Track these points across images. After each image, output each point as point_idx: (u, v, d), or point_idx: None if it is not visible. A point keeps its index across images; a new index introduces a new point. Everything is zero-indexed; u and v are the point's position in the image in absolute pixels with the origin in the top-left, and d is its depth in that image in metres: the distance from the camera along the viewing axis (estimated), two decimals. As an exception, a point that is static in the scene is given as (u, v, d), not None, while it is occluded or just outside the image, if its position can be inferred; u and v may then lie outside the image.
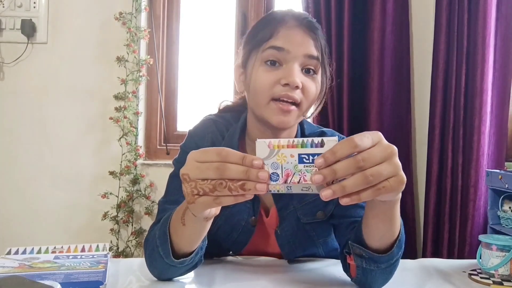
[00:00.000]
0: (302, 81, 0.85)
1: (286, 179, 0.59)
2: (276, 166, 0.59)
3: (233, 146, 0.94)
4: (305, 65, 0.86)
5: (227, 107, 1.07)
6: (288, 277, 0.87)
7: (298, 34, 0.86)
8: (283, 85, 0.84)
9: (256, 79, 0.86)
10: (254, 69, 0.88)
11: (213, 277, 0.84)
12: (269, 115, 0.86)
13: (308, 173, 0.59)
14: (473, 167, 1.94)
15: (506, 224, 1.79)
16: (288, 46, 0.85)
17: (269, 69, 0.86)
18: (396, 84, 2.05)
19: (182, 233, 0.75)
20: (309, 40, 0.87)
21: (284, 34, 0.86)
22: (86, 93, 2.14)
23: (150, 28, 2.17)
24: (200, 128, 1.00)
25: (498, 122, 2.00)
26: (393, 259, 0.74)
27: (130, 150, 2.11)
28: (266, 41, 0.86)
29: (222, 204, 0.61)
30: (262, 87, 0.85)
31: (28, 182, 2.15)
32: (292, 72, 0.83)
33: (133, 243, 2.10)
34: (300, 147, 0.59)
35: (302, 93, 0.85)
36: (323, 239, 0.97)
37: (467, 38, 1.97)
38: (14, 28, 2.10)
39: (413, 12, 2.11)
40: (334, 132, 1.03)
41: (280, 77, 0.84)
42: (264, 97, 0.85)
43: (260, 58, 0.87)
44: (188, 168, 0.62)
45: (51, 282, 0.67)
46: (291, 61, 0.85)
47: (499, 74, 1.99)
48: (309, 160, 0.58)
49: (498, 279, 0.87)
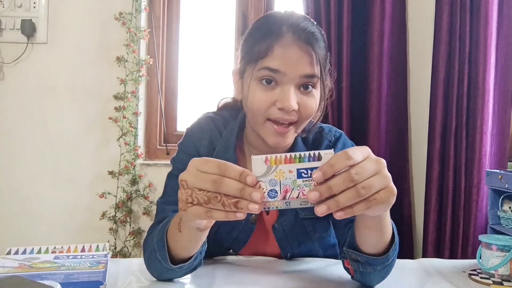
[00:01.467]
0: (299, 101, 0.83)
1: (285, 195, 0.59)
2: (274, 183, 0.59)
3: (231, 145, 0.94)
4: (303, 83, 0.84)
5: (226, 104, 1.06)
6: (288, 277, 0.86)
7: (295, 53, 0.81)
8: (278, 108, 0.82)
9: (252, 98, 0.84)
10: (251, 87, 0.85)
11: (213, 277, 0.84)
12: (265, 135, 0.86)
13: (306, 187, 0.59)
14: (475, 167, 1.94)
15: (506, 224, 1.79)
16: (283, 68, 0.81)
17: (264, 88, 0.83)
18: (395, 85, 2.05)
19: (179, 239, 0.75)
20: (306, 59, 0.82)
21: (279, 54, 0.81)
22: (86, 93, 2.14)
23: (150, 28, 2.17)
24: (198, 126, 1.00)
25: (500, 123, 2.00)
26: (388, 261, 0.75)
27: (129, 150, 2.11)
28: (261, 59, 0.82)
29: (213, 218, 0.60)
30: (257, 108, 0.84)
31: (28, 182, 2.15)
32: (288, 96, 0.81)
33: (131, 243, 2.10)
34: (297, 161, 0.59)
35: (299, 112, 0.84)
36: (320, 234, 0.97)
37: (469, 38, 1.97)
38: (14, 28, 2.10)
39: (412, 13, 2.11)
40: (332, 128, 1.03)
41: (276, 99, 0.82)
42: (260, 117, 0.85)
43: (255, 77, 0.84)
44: (188, 175, 0.62)
45: (51, 282, 0.66)
46: (287, 83, 0.82)
47: (500, 74, 2.00)
48: (308, 175, 0.59)
49: (498, 279, 0.87)
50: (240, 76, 0.91)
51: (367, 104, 2.02)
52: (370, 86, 2.01)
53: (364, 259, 0.75)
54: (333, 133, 1.01)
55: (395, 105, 2.06)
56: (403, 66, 2.06)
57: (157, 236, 0.79)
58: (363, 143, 1.99)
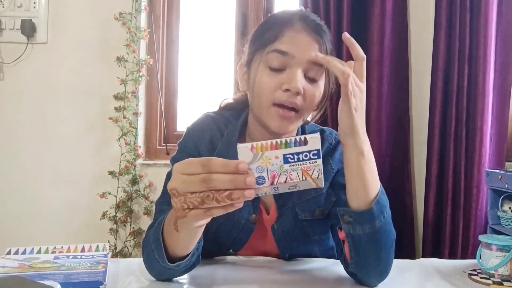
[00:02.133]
0: (304, 87, 0.84)
1: (273, 180, 0.59)
2: (261, 170, 0.59)
3: (232, 144, 0.94)
4: (309, 71, 0.85)
5: (228, 105, 1.06)
6: (287, 277, 0.87)
7: (304, 39, 0.84)
8: (284, 90, 0.83)
9: (259, 82, 0.86)
10: (258, 71, 0.87)
11: (213, 277, 0.84)
12: (269, 120, 0.86)
13: (294, 172, 0.59)
14: (475, 168, 1.94)
15: (506, 224, 1.79)
16: (293, 50, 0.83)
17: (272, 73, 0.85)
18: (395, 84, 2.05)
19: (176, 238, 0.74)
20: (315, 45, 0.84)
21: (289, 38, 0.84)
22: (86, 93, 2.14)
23: (150, 28, 2.17)
24: (198, 125, 1.00)
25: (498, 122, 2.00)
26: (374, 220, 0.75)
27: (129, 150, 2.11)
28: (271, 44, 0.85)
29: (214, 215, 0.61)
30: (264, 91, 0.85)
31: (28, 182, 2.15)
32: (295, 77, 0.82)
33: (131, 243, 2.10)
34: (284, 147, 0.59)
35: (303, 99, 0.85)
36: (319, 236, 0.97)
37: (469, 38, 1.97)
38: (14, 28, 2.10)
39: (412, 12, 2.11)
40: (333, 131, 1.03)
41: (283, 82, 0.83)
42: (265, 101, 0.85)
43: (264, 61, 0.86)
44: (175, 182, 0.61)
45: (51, 282, 0.66)
46: (295, 66, 0.83)
47: (499, 74, 2.00)
48: (294, 159, 0.59)
49: (498, 279, 0.87)
50: (247, 66, 0.92)
51: (367, 104, 1.99)
52: (371, 86, 2.01)
53: (352, 217, 0.75)
54: (334, 135, 1.01)
55: (396, 105, 2.05)
56: (404, 66, 2.06)
57: (153, 236, 0.79)
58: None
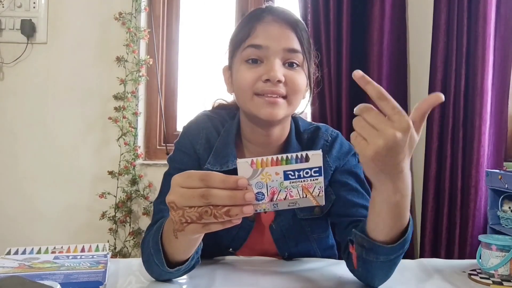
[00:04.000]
0: (285, 74, 0.84)
1: (272, 197, 0.58)
2: (261, 185, 0.58)
3: (229, 143, 0.94)
4: (287, 59, 0.85)
5: (220, 105, 1.07)
6: (287, 277, 0.86)
7: (276, 29, 0.85)
8: (264, 81, 0.83)
9: (238, 78, 0.87)
10: (236, 69, 0.88)
11: (213, 277, 0.84)
12: (256, 109, 0.85)
13: (294, 189, 0.58)
14: (474, 168, 1.94)
15: (506, 224, 1.79)
16: (266, 42, 0.84)
17: (250, 66, 0.85)
18: (395, 84, 2.06)
19: (175, 245, 0.74)
20: (288, 34, 0.85)
21: (261, 31, 0.85)
22: (86, 93, 2.14)
23: (150, 28, 2.17)
24: (195, 124, 0.99)
25: (497, 122, 2.00)
26: (393, 254, 0.73)
27: (128, 150, 2.11)
28: (245, 40, 0.86)
29: (211, 230, 0.60)
30: (244, 84, 0.85)
31: (28, 182, 2.15)
32: (273, 66, 0.83)
33: (130, 243, 2.10)
34: (284, 163, 0.58)
35: (287, 86, 0.85)
36: (318, 235, 0.97)
37: (467, 38, 1.97)
38: (14, 28, 2.10)
39: (411, 12, 2.11)
40: (328, 128, 1.01)
41: (261, 73, 0.84)
42: (247, 94, 0.85)
43: (241, 58, 0.87)
44: (174, 195, 0.60)
45: (51, 282, 0.66)
46: (272, 57, 0.84)
47: (498, 74, 2.00)
48: (295, 176, 0.58)
49: (498, 279, 0.87)
50: (229, 68, 0.93)
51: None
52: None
53: (369, 246, 0.73)
54: (329, 132, 1.00)
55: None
56: (403, 66, 2.06)
57: (152, 240, 0.78)
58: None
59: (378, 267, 0.76)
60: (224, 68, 0.96)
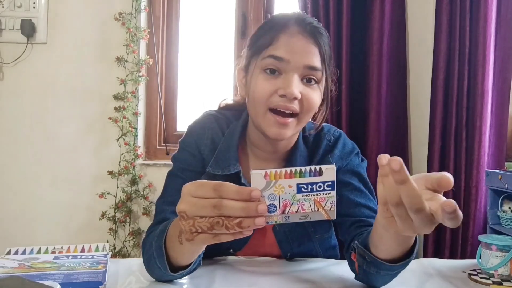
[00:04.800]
0: (301, 92, 0.82)
1: (284, 209, 0.58)
2: (273, 198, 0.58)
3: (233, 143, 0.93)
4: (306, 75, 0.83)
5: (227, 105, 1.05)
6: (288, 277, 0.86)
7: (300, 43, 0.83)
8: (280, 95, 0.82)
9: (255, 87, 0.85)
10: (254, 76, 0.86)
11: (213, 278, 0.84)
12: (266, 127, 0.84)
13: (306, 202, 0.58)
14: (475, 168, 1.94)
15: (505, 224, 1.79)
16: (288, 56, 0.82)
17: (268, 77, 0.83)
18: (395, 84, 2.05)
19: (179, 250, 0.73)
20: (311, 49, 0.83)
21: (284, 43, 0.83)
22: (86, 93, 2.14)
23: (150, 28, 2.17)
24: (200, 123, 0.98)
25: (498, 123, 2.00)
26: (394, 270, 0.73)
27: (128, 150, 2.11)
28: (266, 49, 0.84)
29: (221, 240, 0.59)
30: (259, 96, 0.83)
31: (28, 182, 2.15)
32: (291, 83, 0.81)
33: (130, 244, 2.10)
34: (298, 176, 0.58)
35: (301, 104, 0.83)
36: (321, 235, 0.97)
37: (469, 39, 1.97)
38: (14, 29, 2.10)
39: (411, 13, 2.11)
40: (331, 127, 1.01)
41: (278, 87, 0.82)
42: (261, 107, 0.84)
43: (260, 66, 0.85)
44: (185, 204, 0.59)
45: (51, 283, 0.66)
46: (291, 72, 0.82)
47: (499, 74, 2.00)
48: (308, 190, 0.58)
49: (497, 279, 0.87)
50: (245, 71, 0.91)
51: (367, 104, 2.02)
52: (370, 86, 2.01)
53: (370, 259, 0.73)
54: (332, 132, 0.99)
55: (395, 105, 2.06)
56: (403, 66, 2.07)
57: (155, 243, 0.77)
58: (363, 144, 2.00)
59: (379, 278, 0.76)
60: (238, 68, 0.94)
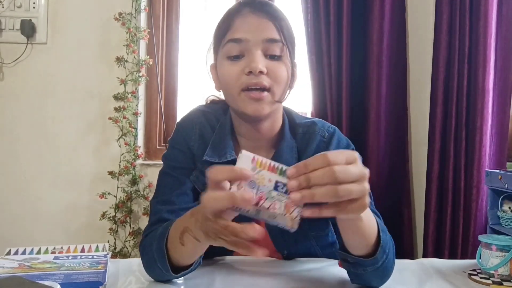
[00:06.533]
0: (267, 66, 0.83)
1: (258, 201, 0.57)
2: (253, 186, 0.57)
3: (225, 138, 0.93)
4: (268, 50, 0.85)
5: (214, 100, 1.06)
6: (287, 277, 0.86)
7: (254, 21, 0.85)
8: (247, 73, 0.83)
9: (223, 74, 0.87)
10: (220, 66, 0.88)
11: (213, 278, 0.84)
12: (243, 106, 0.85)
13: (278, 202, 0.58)
14: (475, 168, 1.94)
15: (505, 224, 1.79)
16: (245, 35, 0.84)
17: (232, 62, 0.85)
18: (395, 85, 2.05)
19: (181, 251, 0.74)
20: (267, 24, 0.85)
21: (239, 24, 0.85)
22: (86, 93, 2.14)
23: (150, 29, 2.17)
24: (188, 120, 0.98)
25: (499, 122, 2.00)
26: (377, 263, 0.73)
27: (129, 151, 2.11)
28: (224, 35, 0.86)
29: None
30: (229, 80, 0.85)
31: (28, 182, 2.15)
32: (253, 58, 0.83)
33: (130, 244, 2.10)
34: (279, 173, 0.58)
35: (270, 78, 0.84)
36: (316, 233, 0.96)
37: (469, 38, 1.97)
38: (14, 29, 2.10)
39: (411, 13, 2.11)
40: (325, 123, 0.99)
41: (243, 66, 0.84)
42: (233, 90, 0.85)
43: (223, 54, 0.87)
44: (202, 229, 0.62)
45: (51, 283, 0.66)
46: (252, 49, 0.84)
47: (500, 74, 1.99)
48: (283, 190, 0.57)
49: (497, 279, 0.87)
50: (215, 65, 0.93)
51: (367, 104, 2.02)
52: (370, 86, 2.01)
53: (352, 260, 0.74)
54: (326, 128, 0.97)
55: (395, 105, 2.06)
56: (403, 66, 2.06)
57: (156, 245, 0.78)
58: (363, 143, 2.00)
59: (370, 276, 0.76)
60: (211, 66, 0.96)
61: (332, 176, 0.55)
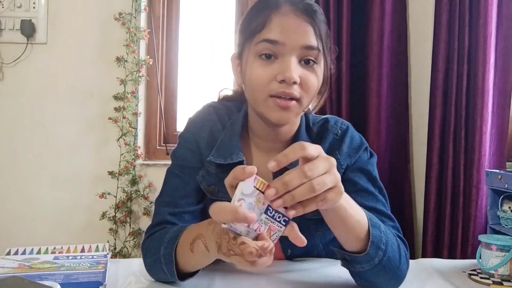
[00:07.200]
0: (300, 75, 0.79)
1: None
2: (251, 207, 0.58)
3: (235, 134, 0.90)
4: (304, 56, 0.80)
5: (226, 96, 1.02)
6: (288, 277, 0.86)
7: (294, 22, 0.78)
8: (279, 81, 0.78)
9: (251, 75, 0.81)
10: (249, 63, 0.82)
11: (213, 278, 0.84)
12: (268, 112, 0.81)
13: (264, 225, 0.59)
14: (475, 168, 1.94)
15: (505, 224, 1.79)
16: (282, 38, 0.77)
17: (264, 63, 0.79)
18: (395, 84, 2.05)
19: (189, 258, 0.73)
20: (306, 28, 0.78)
21: (277, 24, 0.78)
22: (86, 93, 2.14)
23: (150, 29, 2.17)
24: (199, 117, 0.96)
25: (499, 122, 2.00)
26: (373, 259, 0.72)
27: (128, 151, 2.11)
28: (259, 32, 0.79)
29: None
30: (258, 84, 0.80)
31: (28, 182, 2.15)
32: (289, 67, 0.77)
33: (130, 244, 2.10)
34: None
35: (301, 88, 0.80)
36: (322, 232, 0.95)
37: (468, 38, 1.97)
38: (14, 29, 2.10)
39: (412, 12, 2.11)
40: (338, 120, 0.97)
41: (276, 72, 0.78)
42: (261, 95, 0.80)
43: (254, 52, 0.80)
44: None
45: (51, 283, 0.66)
46: (288, 54, 0.78)
47: (500, 74, 2.00)
48: (271, 214, 0.59)
49: (498, 279, 0.87)
50: (239, 58, 0.87)
51: (367, 104, 2.02)
52: (370, 86, 2.01)
53: (350, 258, 0.74)
54: (339, 125, 0.94)
55: (395, 105, 2.05)
56: (403, 66, 2.06)
57: (164, 249, 0.77)
58: (363, 143, 1.99)
59: (372, 274, 0.75)
60: (232, 56, 0.90)
61: (305, 175, 0.57)
